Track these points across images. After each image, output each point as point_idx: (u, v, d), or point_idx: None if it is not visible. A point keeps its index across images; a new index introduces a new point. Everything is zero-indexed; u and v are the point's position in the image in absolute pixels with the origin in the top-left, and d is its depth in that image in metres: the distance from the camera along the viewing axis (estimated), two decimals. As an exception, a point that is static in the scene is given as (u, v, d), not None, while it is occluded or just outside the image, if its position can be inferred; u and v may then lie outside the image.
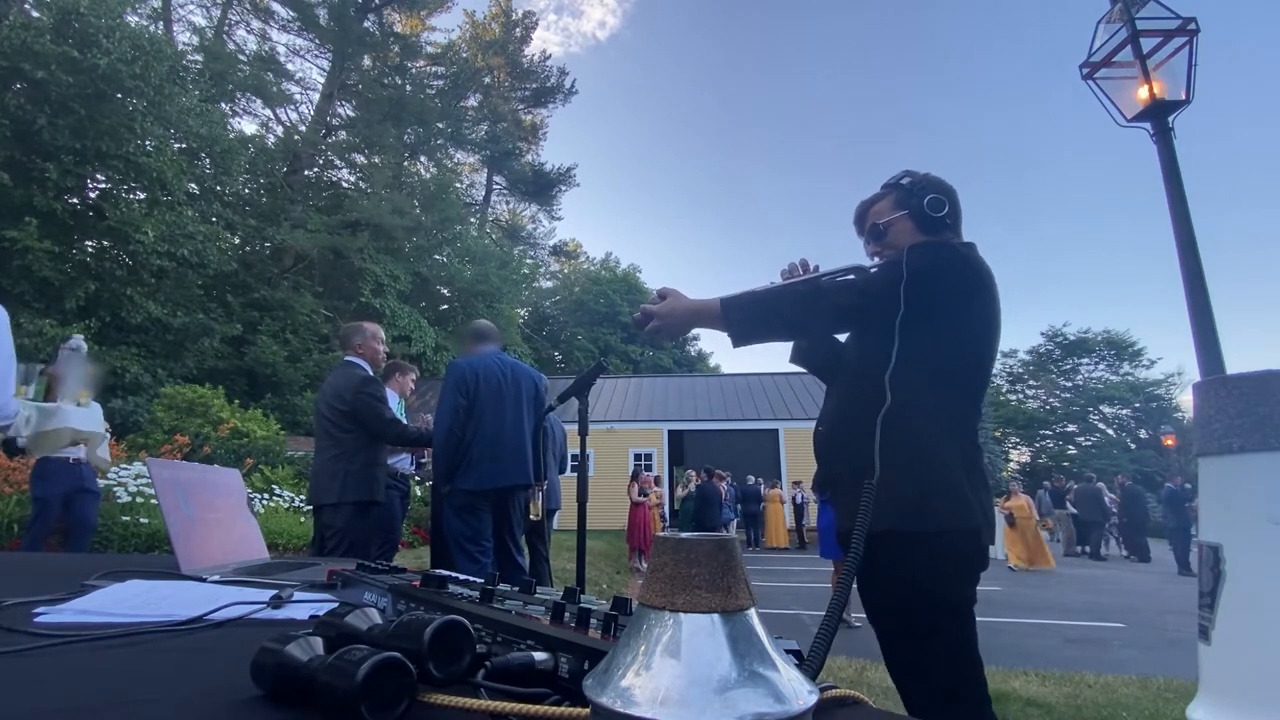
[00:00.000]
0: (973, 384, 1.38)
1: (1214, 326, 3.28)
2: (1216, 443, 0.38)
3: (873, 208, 1.52)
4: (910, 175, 1.49)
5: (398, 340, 18.82)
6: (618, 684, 0.32)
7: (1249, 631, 0.35)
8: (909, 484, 1.25)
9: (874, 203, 1.52)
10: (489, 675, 0.49)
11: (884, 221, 1.48)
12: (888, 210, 1.48)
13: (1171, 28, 3.63)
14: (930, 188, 1.45)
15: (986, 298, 1.36)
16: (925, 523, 1.25)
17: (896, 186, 1.48)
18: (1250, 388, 0.37)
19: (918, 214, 1.43)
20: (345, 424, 3.24)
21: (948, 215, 1.43)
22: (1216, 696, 0.37)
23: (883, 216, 1.48)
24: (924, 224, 1.43)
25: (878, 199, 1.51)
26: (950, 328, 1.32)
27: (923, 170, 1.52)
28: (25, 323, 11.54)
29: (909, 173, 1.50)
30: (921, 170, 1.52)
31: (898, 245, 1.44)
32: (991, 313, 1.36)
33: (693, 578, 0.34)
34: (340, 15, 22.60)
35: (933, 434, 1.30)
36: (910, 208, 1.44)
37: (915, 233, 1.43)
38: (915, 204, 1.43)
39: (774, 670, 0.33)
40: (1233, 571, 0.37)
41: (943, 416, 1.32)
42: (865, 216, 1.54)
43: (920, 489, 1.26)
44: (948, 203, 1.43)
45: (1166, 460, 29.29)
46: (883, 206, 1.49)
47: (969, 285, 1.34)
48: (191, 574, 1.17)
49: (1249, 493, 0.37)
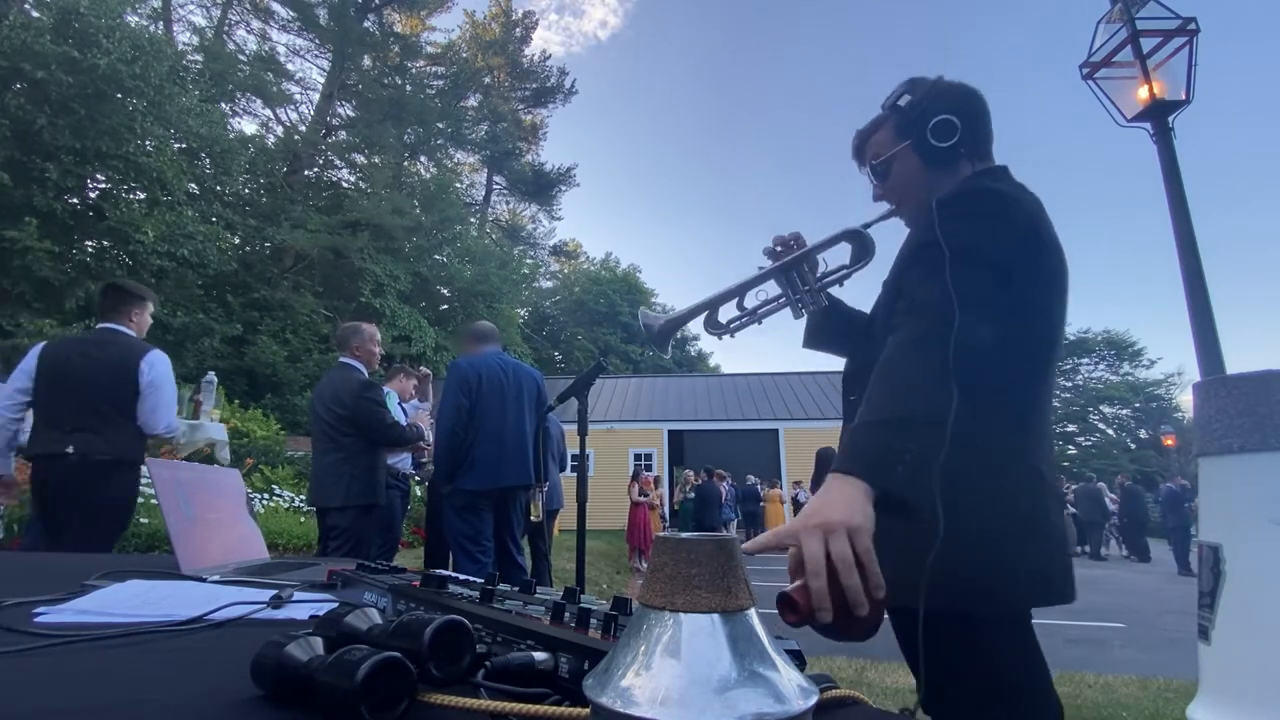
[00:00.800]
0: (1047, 375, 1.06)
1: (1214, 326, 3.28)
2: (1216, 443, 0.38)
3: (872, 137, 1.22)
4: (912, 89, 1.16)
5: (398, 340, 18.82)
6: (618, 684, 0.32)
7: (1249, 631, 0.35)
8: (981, 544, 0.93)
9: (873, 131, 1.22)
10: (489, 675, 0.49)
11: (884, 158, 1.18)
12: (888, 141, 1.18)
13: (1171, 28, 3.63)
14: (937, 105, 1.12)
15: (1053, 249, 1.03)
16: (1003, 601, 0.96)
17: (895, 109, 1.17)
18: (1250, 388, 0.37)
19: (922, 145, 1.13)
20: (345, 428, 3.24)
21: (962, 140, 1.11)
22: (1216, 696, 0.37)
23: (883, 150, 1.18)
24: (931, 158, 1.13)
25: (877, 125, 1.21)
26: (1020, 309, 0.96)
27: (934, 75, 1.18)
28: (25, 323, 11.54)
29: (912, 84, 1.17)
30: (932, 76, 1.18)
31: (906, 189, 1.17)
32: (1060, 269, 1.04)
33: (693, 578, 0.34)
34: (340, 15, 22.59)
35: (1007, 460, 0.99)
36: (913, 137, 1.14)
37: (923, 169, 1.14)
38: (918, 132, 1.13)
39: (774, 670, 0.33)
40: (1233, 571, 0.37)
41: (1016, 431, 1.01)
42: (864, 150, 1.24)
43: (998, 550, 0.95)
44: (959, 123, 1.10)
45: (1166, 460, 29.28)
46: (883, 136, 1.19)
47: (1031, 240, 1.00)
48: (191, 574, 1.17)
49: (1249, 493, 0.37)
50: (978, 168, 1.13)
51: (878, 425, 0.86)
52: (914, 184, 1.16)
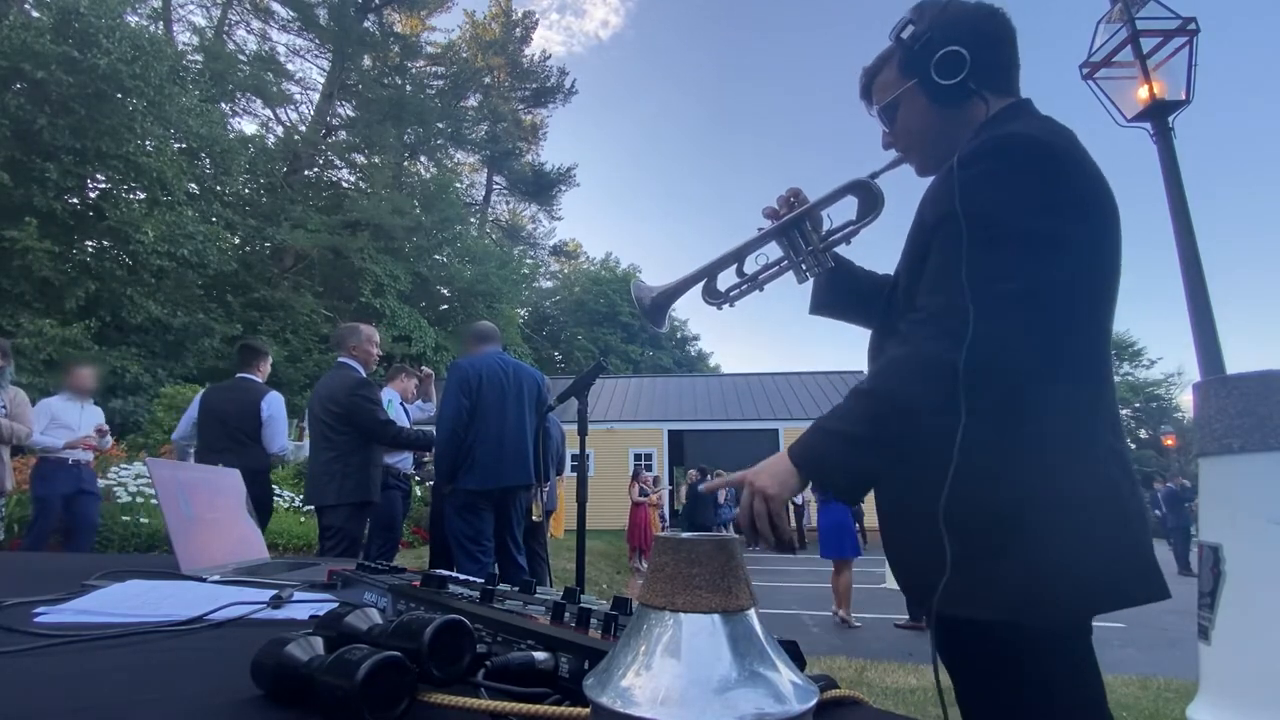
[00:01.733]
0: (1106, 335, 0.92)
1: (1214, 326, 3.29)
2: (1216, 443, 0.38)
3: (878, 76, 1.08)
4: (918, 17, 1.00)
5: (398, 340, 18.82)
6: (618, 684, 0.32)
7: (1249, 631, 0.35)
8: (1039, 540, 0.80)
9: (879, 68, 1.08)
10: (489, 675, 0.49)
11: (890, 99, 1.04)
12: (893, 80, 1.04)
13: (1171, 28, 3.63)
14: (944, 35, 0.96)
15: (1093, 193, 0.88)
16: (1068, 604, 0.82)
17: (899, 41, 1.02)
18: (1250, 388, 0.37)
19: (927, 83, 0.98)
20: (340, 426, 3.25)
21: (973, 73, 0.94)
22: (1216, 696, 0.37)
23: (888, 90, 1.05)
24: (939, 96, 0.98)
25: (883, 62, 1.07)
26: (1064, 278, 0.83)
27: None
28: (25, 323, 11.55)
29: (919, 9, 1.00)
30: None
31: (914, 133, 1.04)
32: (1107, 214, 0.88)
33: (693, 578, 0.34)
34: (340, 15, 22.59)
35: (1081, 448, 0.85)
36: (918, 74, 0.99)
37: (931, 109, 1.00)
38: (922, 68, 0.98)
39: (774, 670, 0.33)
40: (1233, 571, 0.37)
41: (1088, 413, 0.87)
42: (870, 90, 1.10)
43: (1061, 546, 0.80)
44: (968, 55, 0.94)
45: (1166, 460, 29.30)
46: (888, 75, 1.06)
47: (1066, 192, 0.85)
48: (191, 574, 1.17)
49: (1249, 493, 0.37)
50: (995, 106, 0.97)
51: (839, 436, 0.88)
52: (924, 126, 1.03)
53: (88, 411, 4.71)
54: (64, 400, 4.61)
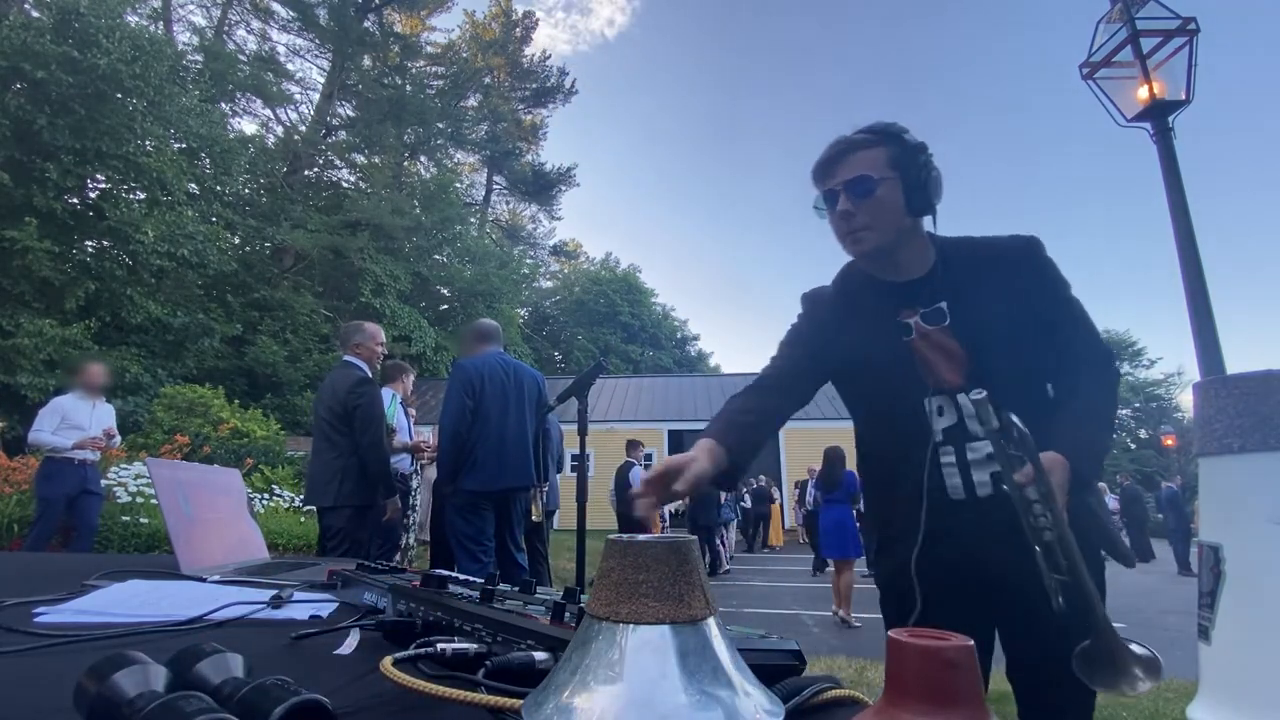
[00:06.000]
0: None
1: (1214, 326, 3.28)
2: (1216, 443, 0.38)
3: (860, 153, 1.13)
4: (900, 126, 1.15)
5: (398, 340, 18.82)
6: (552, 705, 0.29)
7: (1249, 631, 0.35)
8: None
9: (862, 147, 1.14)
10: (489, 674, 0.49)
11: (879, 180, 1.11)
12: (881, 164, 1.12)
13: (1171, 28, 3.63)
14: (933, 162, 1.13)
15: None
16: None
17: (895, 138, 1.13)
18: (1250, 388, 0.37)
19: (916, 187, 1.11)
20: (340, 425, 3.23)
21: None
22: (1216, 696, 0.37)
23: (874, 169, 1.11)
24: (916, 203, 1.12)
25: (867, 144, 1.13)
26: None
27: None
28: (25, 323, 11.55)
29: (902, 133, 1.15)
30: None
31: (881, 218, 1.12)
32: None
33: (640, 585, 0.31)
34: (340, 15, 22.59)
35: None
36: (907, 175, 1.11)
37: (901, 209, 1.12)
38: (915, 174, 1.11)
39: (729, 689, 0.29)
40: (1233, 571, 0.37)
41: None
42: (847, 160, 1.14)
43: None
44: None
45: (1166, 460, 29.29)
46: (874, 157, 1.12)
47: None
48: (191, 574, 1.17)
49: (1249, 493, 0.37)
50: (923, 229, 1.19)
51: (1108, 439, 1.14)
52: (891, 217, 1.13)
53: (99, 410, 4.70)
54: (75, 399, 4.60)
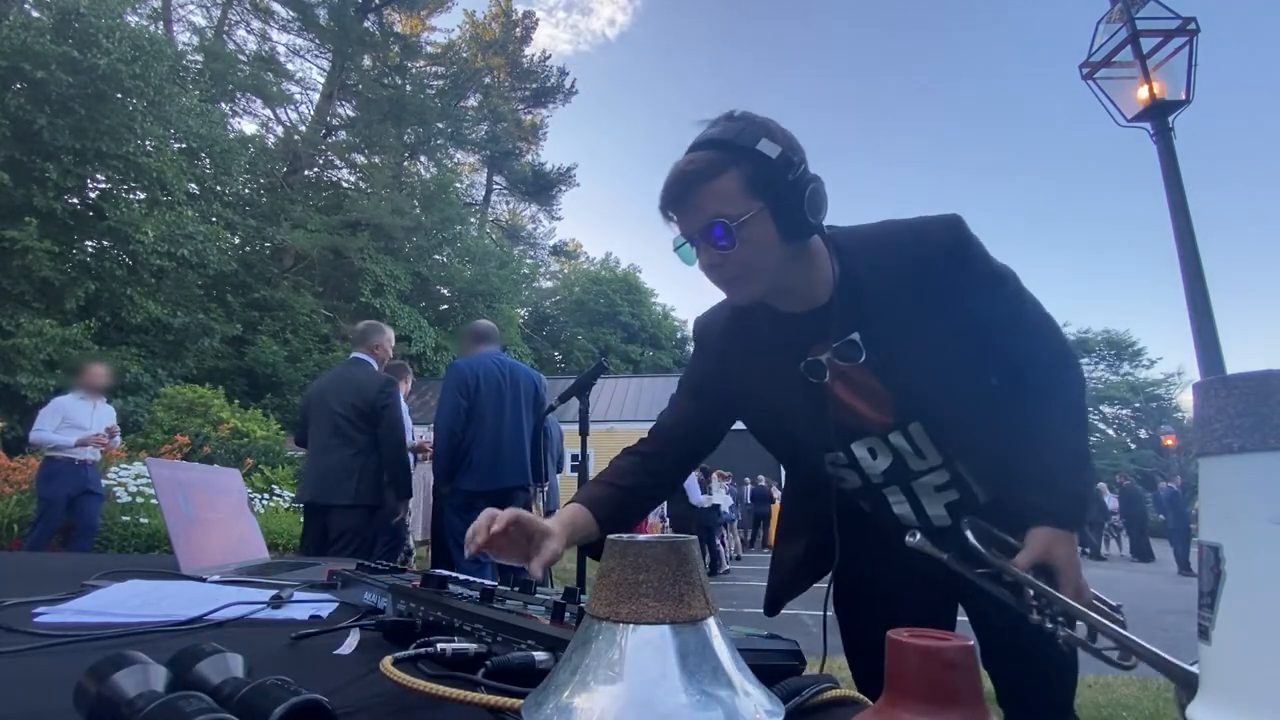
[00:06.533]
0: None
1: (1214, 326, 3.29)
2: (1216, 443, 0.38)
3: (708, 185, 0.84)
4: (766, 133, 0.83)
5: (398, 340, 18.75)
6: (553, 705, 0.30)
7: (1249, 631, 0.35)
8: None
9: (707, 175, 0.84)
10: (489, 674, 0.49)
11: (739, 219, 0.83)
12: (737, 196, 0.83)
13: (1171, 28, 3.64)
14: (806, 167, 0.84)
15: None
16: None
17: (746, 152, 0.83)
18: (1250, 388, 0.37)
19: (788, 213, 0.83)
20: (362, 423, 3.18)
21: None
22: (1216, 696, 0.37)
23: (730, 206, 0.83)
24: (792, 230, 0.84)
25: (712, 170, 0.83)
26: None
27: (764, 114, 0.88)
28: (25, 323, 11.55)
29: (745, 121, 0.85)
30: (760, 114, 0.87)
31: (755, 261, 0.85)
32: None
33: (640, 585, 0.31)
34: (340, 15, 22.59)
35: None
36: (774, 202, 0.83)
37: (777, 243, 0.85)
38: (783, 198, 0.83)
39: (729, 689, 0.30)
40: (1233, 571, 0.37)
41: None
42: (693, 198, 0.85)
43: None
44: (824, 192, 0.86)
45: (1166, 460, 29.30)
46: (726, 188, 0.83)
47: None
48: (191, 574, 1.17)
49: (1249, 493, 0.37)
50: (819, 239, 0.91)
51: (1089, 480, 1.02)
52: (767, 256, 0.86)
53: (100, 411, 4.69)
54: (76, 399, 4.60)
